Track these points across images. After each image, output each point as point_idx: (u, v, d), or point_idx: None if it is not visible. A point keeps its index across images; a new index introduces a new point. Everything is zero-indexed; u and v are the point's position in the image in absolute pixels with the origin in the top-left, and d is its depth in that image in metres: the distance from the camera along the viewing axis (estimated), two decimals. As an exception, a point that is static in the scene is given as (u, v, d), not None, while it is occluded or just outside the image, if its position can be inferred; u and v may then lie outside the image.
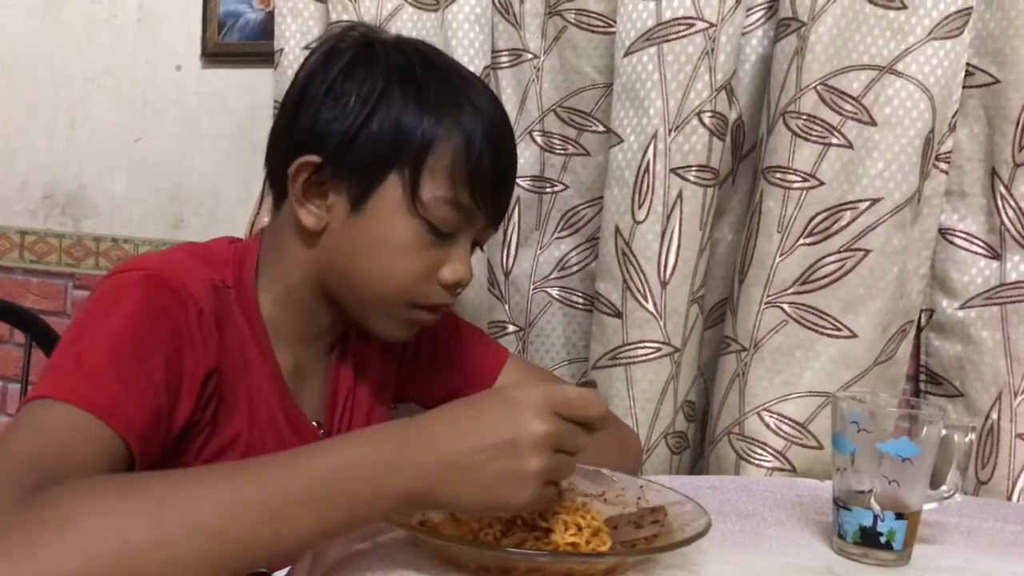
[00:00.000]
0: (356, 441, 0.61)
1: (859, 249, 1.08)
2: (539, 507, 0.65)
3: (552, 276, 1.29)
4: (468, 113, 0.80)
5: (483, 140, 0.80)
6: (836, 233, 1.09)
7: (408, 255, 0.81)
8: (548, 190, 1.28)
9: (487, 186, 0.81)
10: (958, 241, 1.16)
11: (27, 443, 0.61)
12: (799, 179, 1.09)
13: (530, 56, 1.27)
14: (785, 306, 1.11)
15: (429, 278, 0.83)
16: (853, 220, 1.08)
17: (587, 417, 0.63)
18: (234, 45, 1.49)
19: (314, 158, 0.80)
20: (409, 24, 1.19)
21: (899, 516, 0.76)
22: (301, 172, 0.80)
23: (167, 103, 1.56)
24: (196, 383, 0.74)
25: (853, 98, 1.07)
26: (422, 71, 0.81)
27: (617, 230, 1.14)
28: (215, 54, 1.51)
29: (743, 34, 1.16)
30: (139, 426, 0.66)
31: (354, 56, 0.81)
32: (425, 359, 1.02)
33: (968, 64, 1.10)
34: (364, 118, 0.78)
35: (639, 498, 0.80)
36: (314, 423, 0.89)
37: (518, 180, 1.26)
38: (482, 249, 0.91)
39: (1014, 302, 1.11)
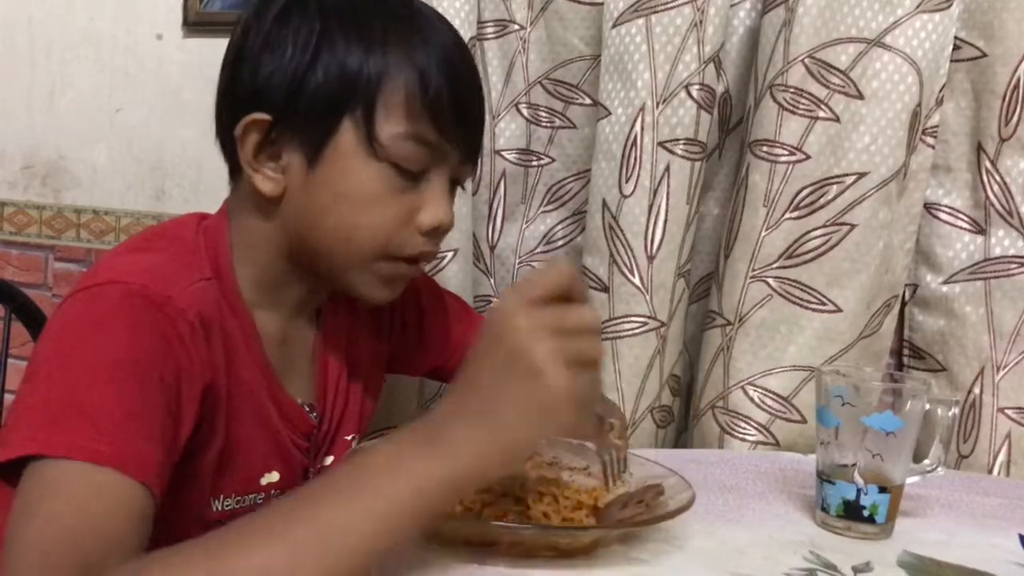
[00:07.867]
0: (384, 445, 0.59)
1: (845, 223, 1.08)
2: (587, 399, 0.59)
3: (538, 250, 1.28)
4: (419, 45, 0.75)
5: (439, 71, 0.74)
6: (822, 207, 1.08)
7: (377, 204, 0.75)
8: (534, 163, 1.27)
9: (451, 118, 0.76)
10: (943, 216, 1.16)
11: (54, 513, 0.57)
12: (786, 153, 1.08)
13: (516, 27, 1.25)
14: (770, 280, 1.11)
15: (406, 226, 0.77)
16: (839, 194, 1.08)
17: (560, 289, 0.59)
18: (216, 14, 1.47)
19: (262, 115, 0.75)
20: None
21: (882, 490, 0.76)
22: (249, 133, 0.76)
23: (148, 73, 1.53)
24: (195, 404, 0.70)
25: (840, 71, 1.06)
26: (363, 7, 0.76)
27: (604, 204, 1.14)
28: (197, 23, 1.48)
29: (731, 6, 1.15)
30: (155, 464, 0.62)
31: (287, 2, 0.76)
32: (412, 333, 0.99)
33: (956, 37, 1.10)
34: (307, 65, 0.73)
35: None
36: (305, 407, 0.85)
37: (504, 153, 1.26)
38: (463, 187, 0.85)
39: (997, 277, 1.12)
